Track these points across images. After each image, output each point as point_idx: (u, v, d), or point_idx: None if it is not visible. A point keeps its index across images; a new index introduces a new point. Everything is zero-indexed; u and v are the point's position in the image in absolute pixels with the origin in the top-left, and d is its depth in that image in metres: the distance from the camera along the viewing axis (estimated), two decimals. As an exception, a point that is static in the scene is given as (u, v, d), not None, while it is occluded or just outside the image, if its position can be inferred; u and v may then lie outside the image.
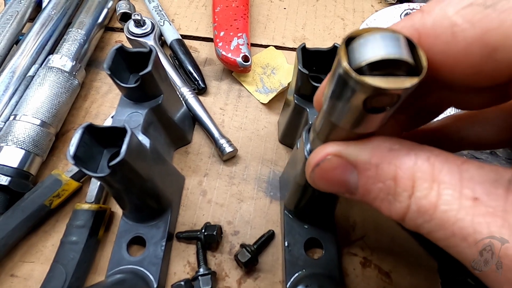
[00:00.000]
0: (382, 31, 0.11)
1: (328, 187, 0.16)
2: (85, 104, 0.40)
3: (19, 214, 0.29)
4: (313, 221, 0.29)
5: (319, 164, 0.15)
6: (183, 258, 0.30)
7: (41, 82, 0.36)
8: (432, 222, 0.12)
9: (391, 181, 0.13)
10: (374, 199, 0.14)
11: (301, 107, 0.29)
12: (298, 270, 0.27)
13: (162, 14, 0.45)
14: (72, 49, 0.39)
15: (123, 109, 0.28)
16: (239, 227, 0.32)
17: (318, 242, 0.29)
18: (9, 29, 0.42)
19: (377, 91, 0.10)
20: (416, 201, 0.12)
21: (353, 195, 0.15)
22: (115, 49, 0.27)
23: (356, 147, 0.14)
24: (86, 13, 0.43)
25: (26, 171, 0.32)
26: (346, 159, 0.14)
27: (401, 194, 0.12)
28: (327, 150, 0.15)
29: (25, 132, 0.32)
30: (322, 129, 0.16)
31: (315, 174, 0.16)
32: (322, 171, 0.15)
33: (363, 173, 0.14)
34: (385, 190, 0.13)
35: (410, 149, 0.13)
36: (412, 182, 0.12)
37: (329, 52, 0.27)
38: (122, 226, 0.30)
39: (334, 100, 0.13)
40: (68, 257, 0.27)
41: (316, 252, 0.30)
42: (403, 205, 0.12)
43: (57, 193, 0.31)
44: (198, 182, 0.34)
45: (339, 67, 0.11)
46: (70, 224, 0.29)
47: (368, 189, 0.14)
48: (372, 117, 0.12)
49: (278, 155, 0.36)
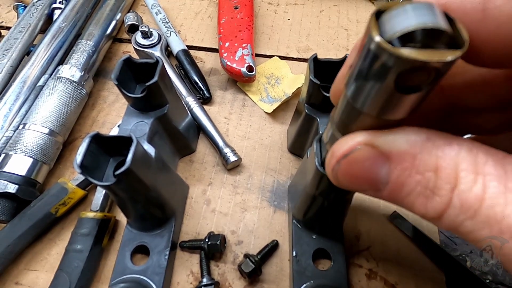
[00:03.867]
0: (414, 3, 0.10)
1: (353, 182, 0.14)
2: (93, 113, 0.41)
3: (25, 222, 0.30)
4: (322, 232, 0.29)
5: (347, 155, 0.13)
6: (187, 267, 0.30)
7: (50, 92, 0.36)
8: (476, 218, 0.10)
9: (432, 172, 0.11)
10: (407, 195, 0.12)
11: (312, 117, 0.29)
12: (306, 281, 0.27)
13: (169, 26, 0.46)
14: (81, 59, 0.41)
15: (130, 119, 0.29)
16: (242, 236, 0.32)
17: (326, 253, 0.28)
18: (21, 40, 0.43)
19: (414, 64, 0.09)
20: (460, 195, 0.11)
21: (379, 192, 0.13)
22: (123, 60, 0.28)
23: (390, 136, 0.12)
24: (95, 24, 0.45)
25: (33, 179, 0.32)
26: (379, 149, 0.12)
27: (442, 187, 0.11)
28: (357, 139, 0.13)
29: (34, 141, 0.33)
30: (342, 119, 0.14)
31: (341, 167, 0.14)
32: (350, 163, 0.13)
33: (398, 164, 0.12)
34: (423, 183, 0.11)
35: (450, 140, 0.11)
36: (456, 174, 0.11)
37: (341, 63, 0.28)
38: (126, 235, 0.30)
39: (360, 82, 0.11)
40: (72, 265, 0.27)
41: (324, 263, 0.29)
42: (443, 200, 0.11)
43: (63, 201, 0.31)
44: (202, 191, 0.34)
45: (370, 41, 0.10)
46: (75, 232, 0.29)
47: (402, 183, 0.12)
48: (405, 99, 0.11)
49: (282, 164, 0.36)
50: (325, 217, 0.28)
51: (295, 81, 0.42)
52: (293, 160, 0.36)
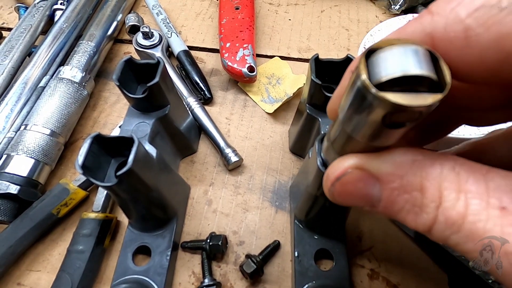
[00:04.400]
0: (403, 44, 0.10)
1: (349, 201, 0.15)
2: (94, 114, 0.41)
3: (27, 223, 0.30)
4: (324, 232, 0.29)
5: (339, 178, 0.14)
6: (188, 268, 0.30)
7: (51, 93, 0.37)
8: (460, 233, 0.11)
9: (418, 192, 0.12)
10: (399, 211, 0.13)
11: (313, 117, 0.29)
12: (308, 282, 0.27)
13: (170, 26, 0.46)
14: (82, 60, 0.41)
15: (131, 119, 0.29)
16: (244, 237, 0.32)
17: (328, 253, 0.28)
18: (23, 41, 0.43)
19: (397, 108, 0.10)
20: (444, 212, 0.12)
21: (375, 208, 0.14)
22: (124, 61, 0.28)
23: (378, 159, 0.13)
24: (96, 25, 0.45)
25: (35, 180, 0.32)
26: (369, 171, 0.14)
27: (428, 205, 0.12)
28: (347, 164, 0.14)
29: (35, 142, 0.33)
30: (337, 139, 0.15)
31: (336, 188, 0.15)
32: (343, 185, 0.14)
33: (387, 185, 0.13)
34: (411, 201, 0.12)
35: (434, 159, 0.12)
36: (439, 192, 0.12)
37: (342, 63, 0.28)
38: (128, 236, 0.30)
39: (351, 113, 0.12)
40: (74, 266, 0.27)
41: (326, 263, 0.29)
42: (430, 217, 0.12)
43: (65, 202, 0.31)
44: (204, 192, 0.34)
45: (358, 81, 0.11)
46: (76, 233, 0.29)
47: (392, 201, 0.13)
48: (391, 132, 0.12)
49: (284, 164, 0.36)
50: (327, 217, 0.28)
51: (296, 82, 0.42)
52: (294, 160, 0.36)
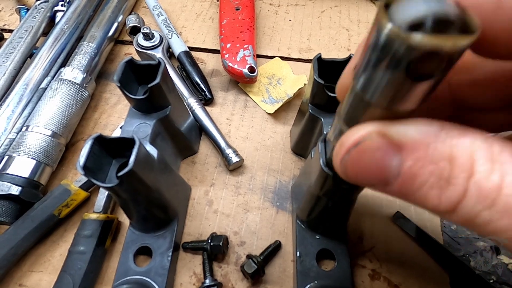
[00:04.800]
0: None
1: (362, 175, 0.13)
2: (95, 115, 0.41)
3: (28, 224, 0.30)
4: (326, 232, 0.29)
5: (357, 144, 0.13)
6: (189, 268, 0.30)
7: (53, 94, 0.37)
8: (494, 208, 0.10)
9: (446, 162, 0.11)
10: (419, 188, 0.12)
11: (316, 117, 0.29)
12: (310, 282, 0.27)
13: (170, 27, 0.46)
14: (83, 62, 0.41)
15: (132, 120, 0.29)
16: (245, 237, 0.32)
17: (330, 253, 0.28)
18: (24, 43, 0.44)
19: (426, 49, 0.09)
20: (477, 184, 0.10)
21: (388, 186, 0.13)
22: (125, 62, 0.28)
23: (402, 126, 0.12)
24: (97, 27, 0.45)
25: (36, 181, 0.32)
26: (391, 138, 0.12)
27: (458, 176, 0.11)
28: (368, 129, 0.12)
29: (37, 143, 0.33)
30: (350, 113, 0.14)
31: (351, 158, 0.13)
32: (360, 153, 0.13)
33: (411, 154, 0.11)
34: (437, 173, 0.11)
35: (464, 129, 0.11)
36: (471, 162, 0.11)
37: (344, 63, 0.28)
38: (129, 236, 0.30)
39: (370, 73, 0.11)
40: (75, 267, 0.27)
41: (328, 263, 0.29)
42: (459, 189, 0.11)
43: (66, 203, 0.31)
44: (205, 192, 0.34)
45: (380, 30, 0.10)
46: (78, 234, 0.30)
47: (414, 174, 0.12)
48: (416, 87, 0.10)
49: (285, 165, 0.36)
50: (329, 218, 0.28)
51: (296, 82, 0.42)
52: (295, 161, 0.36)
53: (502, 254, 0.30)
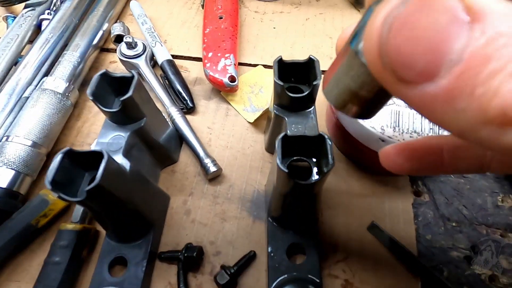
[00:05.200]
0: None
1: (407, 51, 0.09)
2: (78, 124, 0.41)
3: (6, 234, 0.30)
4: (295, 228, 0.30)
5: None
6: (165, 278, 0.30)
7: (34, 104, 0.37)
8: None
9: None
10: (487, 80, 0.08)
11: (281, 116, 0.30)
12: (280, 275, 0.28)
13: (155, 36, 0.47)
14: (65, 71, 0.41)
15: (107, 132, 0.29)
16: (221, 247, 0.32)
17: (300, 247, 0.29)
18: (9, 52, 0.44)
19: None
20: None
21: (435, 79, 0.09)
22: (99, 75, 0.28)
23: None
24: (81, 35, 0.45)
25: (15, 191, 0.33)
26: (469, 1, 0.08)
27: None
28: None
29: (16, 153, 0.34)
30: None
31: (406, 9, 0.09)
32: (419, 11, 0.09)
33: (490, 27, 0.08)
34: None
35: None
36: None
37: (304, 64, 0.29)
38: (105, 246, 0.30)
39: None
40: (50, 278, 0.28)
41: (300, 258, 0.30)
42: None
43: (44, 212, 0.32)
44: (183, 202, 0.35)
45: None
46: (54, 244, 0.30)
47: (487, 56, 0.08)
48: None
49: (263, 174, 0.36)
50: (296, 213, 0.29)
51: (278, 90, 0.42)
52: (274, 169, 0.37)
53: (475, 263, 0.31)
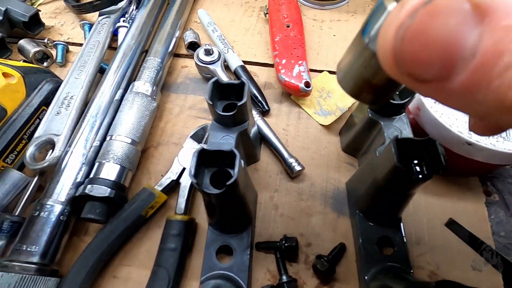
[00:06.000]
0: None
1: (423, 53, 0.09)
2: (161, 124, 0.45)
3: (122, 223, 0.33)
4: (384, 222, 0.33)
5: (427, 2, 0.09)
6: (263, 266, 0.34)
7: (130, 106, 0.41)
8: None
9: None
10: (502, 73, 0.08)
11: (375, 120, 0.33)
12: (374, 265, 0.30)
13: (226, 43, 0.50)
14: (151, 75, 0.45)
15: (216, 133, 0.33)
16: (311, 239, 0.35)
17: (389, 240, 0.32)
18: (94, 57, 0.48)
19: None
20: None
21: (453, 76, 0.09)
22: (212, 82, 0.32)
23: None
24: (159, 42, 0.49)
25: (122, 184, 0.36)
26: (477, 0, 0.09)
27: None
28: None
29: (121, 150, 0.37)
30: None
31: (415, 23, 0.09)
32: (429, 16, 0.09)
33: (500, 23, 0.08)
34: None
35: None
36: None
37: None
38: (210, 236, 0.33)
39: None
40: (169, 262, 0.31)
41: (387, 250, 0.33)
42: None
43: (151, 205, 0.35)
44: (270, 197, 0.38)
45: None
46: (166, 233, 0.33)
47: (499, 51, 0.08)
48: None
49: (341, 173, 0.39)
50: (387, 207, 0.32)
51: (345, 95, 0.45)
52: (350, 169, 0.40)
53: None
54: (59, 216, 0.33)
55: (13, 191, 0.37)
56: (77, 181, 0.36)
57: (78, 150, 0.38)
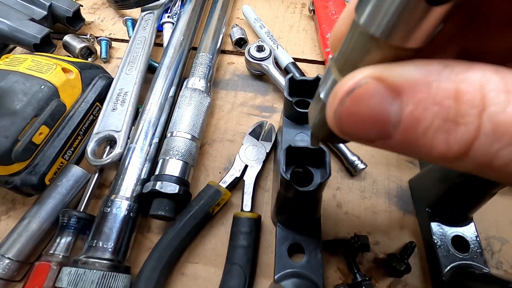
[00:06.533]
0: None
1: (358, 126, 0.12)
2: (213, 121, 0.45)
3: (191, 220, 0.33)
4: (454, 220, 0.32)
5: (351, 91, 0.11)
6: (333, 264, 0.33)
7: (189, 102, 0.40)
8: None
9: (451, 100, 0.10)
10: (423, 135, 0.10)
11: None
12: (450, 263, 0.30)
13: (274, 39, 0.49)
14: (205, 71, 0.44)
15: (289, 130, 0.32)
16: (378, 237, 0.35)
17: (463, 240, 0.32)
18: (143, 52, 0.47)
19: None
20: (491, 118, 0.09)
21: (389, 138, 0.11)
22: (288, 79, 0.31)
23: (401, 67, 0.11)
24: (208, 38, 0.48)
25: (186, 181, 0.36)
26: (388, 82, 0.11)
27: (467, 113, 0.09)
28: (361, 74, 0.11)
29: (183, 146, 0.37)
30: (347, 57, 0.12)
31: (344, 108, 0.12)
32: (355, 101, 0.11)
33: (411, 97, 0.10)
34: (442, 114, 0.10)
35: (471, 64, 0.10)
36: (482, 95, 0.09)
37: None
38: (279, 234, 0.33)
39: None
40: (243, 260, 0.31)
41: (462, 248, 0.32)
42: (471, 128, 0.10)
43: (217, 202, 0.35)
44: (332, 195, 0.38)
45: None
46: (236, 230, 0.33)
47: (416, 119, 0.10)
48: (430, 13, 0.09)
49: (402, 171, 0.39)
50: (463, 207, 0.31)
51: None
52: (411, 167, 0.39)
53: None
54: (129, 213, 0.33)
55: (75, 187, 0.36)
56: (141, 178, 0.36)
57: (139, 147, 0.37)
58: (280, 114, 0.45)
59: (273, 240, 0.35)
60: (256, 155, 0.39)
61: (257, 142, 0.40)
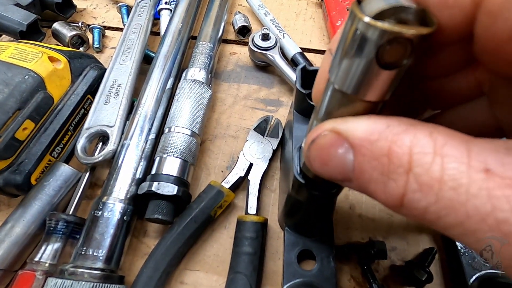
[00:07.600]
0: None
1: (325, 170, 0.14)
2: (215, 115, 0.42)
3: (191, 224, 0.30)
4: None
5: (314, 141, 0.14)
6: (346, 272, 0.31)
7: (188, 95, 0.37)
8: (440, 203, 0.10)
9: (385, 157, 0.11)
10: (369, 183, 0.12)
11: None
12: (476, 272, 0.28)
13: (280, 28, 0.46)
14: (205, 61, 0.41)
15: (300, 126, 0.29)
16: (395, 242, 0.32)
17: None
18: (138, 41, 0.44)
19: (390, 34, 0.10)
20: (416, 177, 0.10)
21: (350, 182, 0.13)
22: (300, 69, 0.28)
23: (353, 122, 0.13)
24: (208, 26, 0.45)
25: (186, 181, 0.33)
26: (342, 135, 0.13)
27: (396, 170, 0.11)
28: (324, 126, 0.14)
29: (183, 143, 0.34)
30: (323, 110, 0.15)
31: (310, 152, 0.14)
32: (317, 148, 0.14)
33: (359, 151, 0.12)
34: (379, 168, 0.11)
35: (410, 125, 0.11)
36: (409, 157, 0.11)
37: None
38: (288, 239, 0.30)
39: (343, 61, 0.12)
40: (249, 268, 0.28)
41: None
42: (399, 184, 0.11)
43: (220, 204, 0.32)
44: (345, 196, 0.35)
45: (353, 21, 0.11)
46: (240, 235, 0.30)
47: (362, 169, 0.12)
48: (384, 75, 0.12)
49: (419, 170, 0.36)
50: None
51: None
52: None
53: None
54: (123, 216, 0.30)
55: (64, 187, 0.33)
56: (136, 177, 0.33)
57: (134, 144, 0.34)
58: (286, 108, 0.42)
59: (280, 246, 0.32)
60: (262, 152, 0.36)
61: (262, 139, 0.36)
